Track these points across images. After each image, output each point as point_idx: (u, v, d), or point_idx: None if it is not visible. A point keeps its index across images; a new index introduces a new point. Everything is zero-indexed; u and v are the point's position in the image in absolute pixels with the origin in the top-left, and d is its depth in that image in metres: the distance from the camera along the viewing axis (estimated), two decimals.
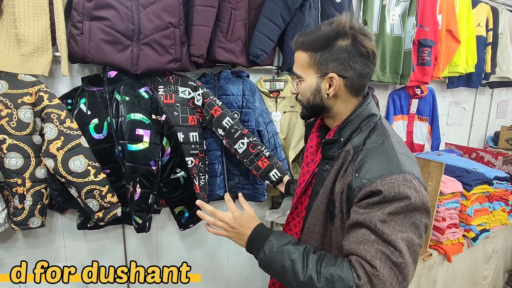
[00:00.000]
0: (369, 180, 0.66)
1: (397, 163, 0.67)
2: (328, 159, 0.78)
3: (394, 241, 0.62)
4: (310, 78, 0.77)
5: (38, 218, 1.22)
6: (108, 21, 1.24)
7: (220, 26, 1.45)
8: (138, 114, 1.27)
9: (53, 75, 1.33)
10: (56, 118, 1.19)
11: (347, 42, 0.73)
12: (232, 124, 1.44)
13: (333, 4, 1.81)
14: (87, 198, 1.23)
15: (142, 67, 1.32)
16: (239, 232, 0.78)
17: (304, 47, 0.77)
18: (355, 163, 0.71)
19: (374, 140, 0.73)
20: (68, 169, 1.19)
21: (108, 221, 1.29)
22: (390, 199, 0.63)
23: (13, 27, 1.15)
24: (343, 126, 0.77)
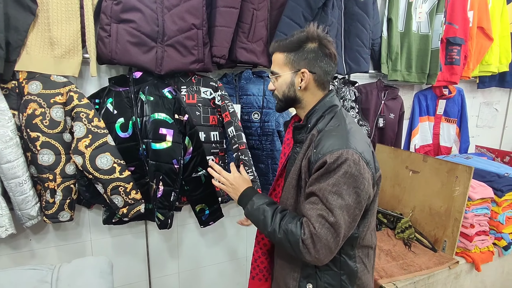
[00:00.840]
0: (322, 154, 0.82)
1: (346, 141, 0.82)
2: (298, 143, 0.94)
3: (333, 207, 0.80)
4: (286, 74, 0.93)
5: (67, 212, 1.28)
6: (134, 24, 1.28)
7: (242, 26, 1.46)
8: (161, 113, 1.30)
9: (82, 75, 1.39)
10: (84, 117, 1.25)
11: (315, 45, 0.90)
12: (234, 135, 1.46)
13: (357, 2, 1.78)
14: (113, 194, 1.28)
15: (166, 67, 1.36)
16: (235, 188, 1.00)
17: (281, 49, 0.93)
18: (315, 142, 0.87)
19: (332, 124, 0.89)
20: (95, 166, 1.25)
21: (131, 217, 1.33)
22: (333, 168, 0.80)
23: (47, 30, 1.21)
24: (310, 114, 0.93)
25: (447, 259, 1.48)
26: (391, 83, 2.12)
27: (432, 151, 2.41)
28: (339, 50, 1.81)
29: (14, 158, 1.15)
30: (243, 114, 1.60)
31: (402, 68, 2.05)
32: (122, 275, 1.61)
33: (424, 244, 1.59)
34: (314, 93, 0.93)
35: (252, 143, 1.61)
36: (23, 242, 1.41)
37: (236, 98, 1.60)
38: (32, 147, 1.20)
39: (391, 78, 2.03)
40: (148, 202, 1.38)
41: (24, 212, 1.23)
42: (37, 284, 0.99)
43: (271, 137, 1.57)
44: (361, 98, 2.02)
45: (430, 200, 1.61)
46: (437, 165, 1.59)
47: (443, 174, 1.55)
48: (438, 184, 1.57)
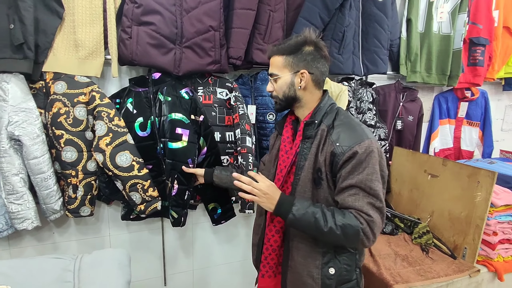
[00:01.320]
0: (348, 146, 0.91)
1: (364, 132, 0.94)
2: (307, 138, 1.00)
3: (377, 193, 0.90)
4: (286, 75, 1.00)
5: (88, 208, 1.33)
6: (154, 26, 1.32)
7: (258, 28, 1.48)
8: (178, 114, 1.33)
9: (103, 76, 1.45)
10: (106, 116, 1.30)
11: (312, 48, 0.99)
12: (238, 137, 1.47)
13: (375, 3, 1.75)
14: (131, 191, 1.32)
15: (183, 69, 1.39)
16: (270, 197, 0.95)
17: (279, 52, 1.00)
18: (332, 136, 0.95)
19: (342, 119, 0.98)
20: (115, 163, 1.29)
21: (148, 213, 1.37)
22: (365, 158, 0.90)
23: (72, 33, 1.27)
24: (315, 111, 1.01)
25: (468, 267, 1.42)
26: (410, 84, 2.07)
27: (453, 155, 2.34)
28: (356, 51, 1.79)
29: (41, 154, 1.21)
30: (258, 114, 1.61)
31: (421, 69, 2.00)
32: (138, 270, 1.66)
33: (443, 250, 1.54)
34: (312, 92, 1.02)
35: (267, 144, 1.62)
36: (47, 235, 1.48)
37: (252, 99, 1.62)
38: (56, 144, 1.26)
39: (410, 79, 1.98)
40: (165, 199, 1.42)
41: (48, 206, 1.29)
42: (61, 272, 1.04)
43: None
44: (378, 99, 1.98)
45: (449, 205, 1.56)
46: (458, 169, 1.54)
47: (464, 178, 1.50)
48: (458, 189, 1.52)
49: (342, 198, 0.92)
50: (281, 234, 1.06)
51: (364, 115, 1.91)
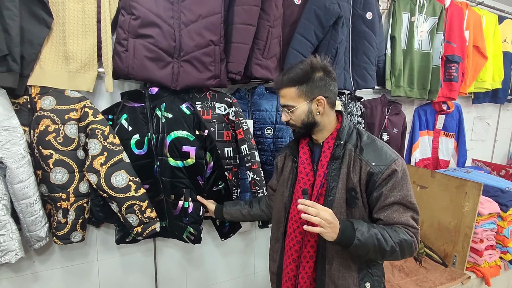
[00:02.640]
0: (386, 165, 0.96)
1: (393, 152, 1.00)
2: (335, 159, 1.01)
3: (415, 207, 0.97)
4: (302, 105, 1.01)
5: (79, 233, 1.22)
6: (152, 39, 1.26)
7: (257, 43, 1.47)
8: (182, 131, 1.29)
9: (94, 90, 1.35)
10: (100, 133, 1.21)
11: (321, 73, 1.01)
12: (247, 153, 1.46)
13: (364, 21, 1.82)
14: (128, 213, 1.24)
15: (181, 83, 1.34)
16: (334, 226, 0.91)
17: (291, 83, 1.01)
18: (364, 156, 0.98)
19: (366, 139, 1.02)
20: (110, 184, 1.20)
21: (146, 236, 1.28)
22: (402, 175, 0.95)
23: (62, 44, 1.18)
24: (340, 132, 1.03)
25: (459, 274, 1.50)
26: (394, 98, 2.17)
27: (431, 165, 2.47)
28: (347, 67, 1.84)
29: (26, 178, 1.09)
30: (256, 129, 1.59)
31: (404, 84, 2.11)
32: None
33: (434, 259, 1.61)
34: (328, 114, 1.04)
35: (265, 159, 1.60)
36: (26, 265, 1.34)
37: (249, 114, 1.59)
38: (44, 165, 1.15)
39: (394, 94, 2.08)
40: (163, 219, 1.35)
41: (33, 234, 1.16)
42: None
43: None
44: (366, 113, 2.05)
45: (438, 215, 1.64)
46: (446, 180, 1.62)
47: (452, 190, 1.58)
48: (447, 199, 1.60)
49: (387, 215, 0.95)
50: (314, 259, 1.05)
51: None
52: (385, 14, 2.06)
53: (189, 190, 1.31)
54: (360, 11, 1.80)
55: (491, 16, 2.39)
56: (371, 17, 1.82)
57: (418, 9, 2.05)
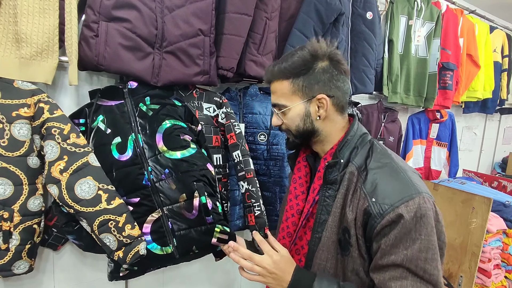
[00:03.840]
0: (390, 205, 0.65)
1: (412, 184, 0.67)
2: (330, 184, 0.75)
3: (433, 276, 0.64)
4: (297, 105, 0.76)
5: (25, 262, 0.97)
6: (129, 23, 1.05)
7: (253, 37, 1.29)
8: (174, 120, 1.07)
9: (54, 83, 1.11)
10: (58, 133, 0.97)
11: (326, 63, 0.75)
12: (240, 160, 1.26)
13: (364, 21, 1.70)
14: (101, 232, 0.97)
15: (164, 78, 1.13)
16: (278, 278, 0.73)
17: (283, 75, 0.76)
18: (366, 185, 0.69)
19: (378, 159, 0.73)
20: (74, 196, 0.95)
21: (130, 261, 1.00)
22: (415, 226, 0.63)
23: (12, 23, 0.94)
24: (341, 147, 0.76)
25: None
26: (390, 105, 2.06)
27: (423, 175, 2.39)
28: None
29: None
30: (247, 135, 1.41)
31: (401, 90, 2.01)
32: None
33: None
34: (334, 120, 0.78)
35: (257, 168, 1.42)
36: None
37: (240, 117, 1.41)
38: None
39: (391, 100, 1.97)
40: (165, 244, 1.03)
41: None
42: None
43: (280, 162, 1.39)
44: (362, 119, 1.93)
45: None
46: (450, 194, 1.51)
47: (458, 204, 1.47)
48: (452, 214, 1.49)
49: (382, 281, 0.66)
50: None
51: None
52: (383, 16, 1.95)
53: (201, 183, 1.04)
54: (360, 10, 1.68)
55: (483, 25, 2.37)
56: (372, 17, 1.70)
57: (416, 13, 1.97)
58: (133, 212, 1.01)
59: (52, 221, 1.10)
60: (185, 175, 1.02)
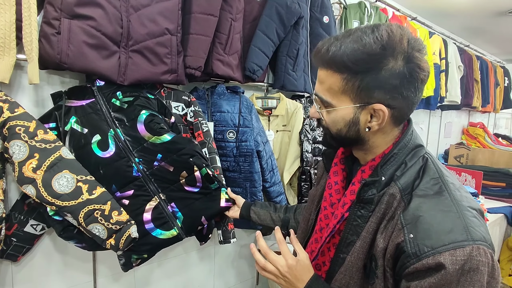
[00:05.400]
0: (431, 248, 0.52)
1: (467, 227, 0.53)
2: (364, 203, 0.63)
3: None
4: (345, 108, 0.61)
5: None
6: (93, 21, 1.03)
7: (219, 37, 1.33)
8: (150, 110, 1.10)
9: (11, 83, 1.05)
10: (23, 131, 0.93)
11: (400, 64, 0.57)
12: (207, 157, 1.30)
13: (321, 24, 1.82)
14: (89, 223, 0.96)
15: (130, 77, 1.13)
16: (289, 283, 0.67)
17: (335, 67, 0.59)
18: (405, 215, 0.57)
19: (429, 186, 0.59)
20: (53, 192, 0.92)
21: (123, 246, 1.00)
22: (457, 280, 0.51)
23: None
24: (385, 161, 0.63)
25: None
26: None
27: None
28: (307, 69, 1.81)
29: None
30: (216, 133, 1.44)
31: None
32: None
33: None
34: (387, 132, 0.64)
35: (227, 165, 1.45)
36: None
37: (208, 115, 1.43)
38: None
39: None
40: (169, 228, 1.08)
41: None
42: None
43: (249, 158, 1.44)
44: None
45: None
46: None
47: None
48: None
49: None
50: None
51: (314, 131, 1.93)
52: (338, 20, 2.10)
53: (196, 157, 1.11)
54: (318, 14, 1.80)
55: (423, 30, 2.64)
56: (328, 21, 1.83)
57: (367, 18, 2.15)
58: (130, 205, 1.05)
59: (11, 230, 1.04)
60: (180, 154, 1.08)
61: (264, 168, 1.50)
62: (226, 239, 1.33)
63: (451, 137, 3.76)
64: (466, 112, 4.02)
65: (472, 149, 3.27)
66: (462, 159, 3.34)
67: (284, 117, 1.71)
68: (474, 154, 3.22)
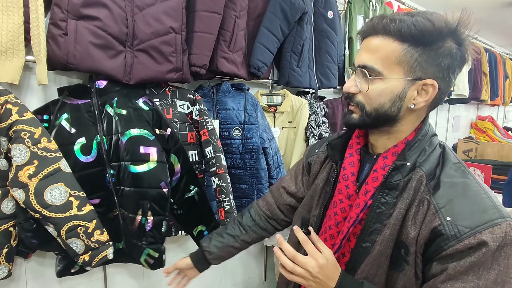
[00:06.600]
0: (471, 229, 0.55)
1: (496, 207, 0.57)
2: (390, 189, 0.63)
3: None
4: (396, 79, 0.59)
5: (4, 266, 0.93)
6: (100, 22, 1.05)
7: (223, 34, 1.33)
8: (139, 129, 1.07)
9: (21, 84, 1.08)
10: (28, 137, 0.94)
11: (455, 45, 0.58)
12: (212, 156, 1.30)
13: (326, 19, 1.81)
14: (69, 237, 0.98)
15: (136, 76, 1.14)
16: (321, 283, 0.64)
17: (398, 35, 0.57)
18: (437, 199, 0.59)
19: (453, 170, 0.62)
20: (43, 201, 0.94)
21: (96, 264, 1.04)
22: (498, 253, 0.55)
23: None
24: (410, 146, 0.63)
25: None
26: None
27: None
28: (311, 65, 1.81)
29: None
30: (222, 130, 1.44)
31: None
32: None
33: None
34: (419, 116, 0.65)
35: (233, 162, 1.46)
36: None
37: (214, 113, 1.44)
38: None
39: None
40: (118, 240, 1.11)
41: None
42: None
43: (255, 155, 1.44)
44: (329, 113, 2.04)
45: None
46: None
47: None
48: None
49: None
50: None
51: (320, 127, 1.93)
52: (342, 15, 2.09)
53: (147, 201, 1.08)
54: (322, 9, 1.79)
55: None
56: (332, 16, 1.81)
57: (372, 12, 2.13)
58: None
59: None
60: (136, 191, 1.07)
61: (270, 165, 1.50)
62: None
63: (459, 131, 3.72)
64: (474, 106, 3.96)
65: (481, 143, 3.22)
66: (471, 153, 3.29)
67: (290, 114, 1.71)
68: (483, 148, 3.17)
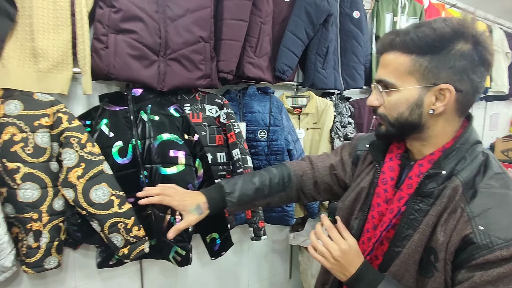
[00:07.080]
0: (505, 240, 0.54)
1: None
2: (423, 197, 0.63)
3: None
4: (410, 89, 0.62)
5: (55, 257, 1.05)
6: (136, 34, 1.14)
7: (249, 41, 1.38)
8: (170, 134, 1.16)
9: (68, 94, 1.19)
10: (76, 142, 1.05)
11: (468, 46, 0.59)
12: (239, 158, 1.36)
13: (352, 20, 1.80)
14: (111, 232, 1.08)
15: (169, 84, 1.22)
16: (341, 267, 0.68)
17: (405, 48, 0.61)
18: (472, 208, 0.59)
19: (493, 180, 0.60)
20: (89, 200, 1.05)
21: (134, 258, 1.14)
22: None
23: (29, 40, 1.02)
24: (447, 154, 0.62)
25: None
26: None
27: None
28: (337, 66, 1.81)
29: None
30: (248, 132, 1.50)
31: None
32: None
33: None
34: (449, 121, 0.64)
35: (259, 164, 1.51)
36: None
37: (240, 116, 1.50)
38: (9, 181, 0.97)
39: None
40: (151, 237, 1.20)
41: None
42: None
43: (280, 156, 1.49)
44: (354, 113, 2.03)
45: None
46: None
47: None
48: None
49: None
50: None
51: (345, 128, 1.92)
52: (369, 14, 2.06)
53: None
54: (348, 10, 1.78)
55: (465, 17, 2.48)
56: (358, 16, 1.80)
57: (400, 10, 2.08)
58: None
59: None
60: None
61: None
62: (257, 236, 1.41)
63: (498, 130, 3.50)
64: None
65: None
66: (511, 153, 3.10)
67: (315, 115, 1.72)
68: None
